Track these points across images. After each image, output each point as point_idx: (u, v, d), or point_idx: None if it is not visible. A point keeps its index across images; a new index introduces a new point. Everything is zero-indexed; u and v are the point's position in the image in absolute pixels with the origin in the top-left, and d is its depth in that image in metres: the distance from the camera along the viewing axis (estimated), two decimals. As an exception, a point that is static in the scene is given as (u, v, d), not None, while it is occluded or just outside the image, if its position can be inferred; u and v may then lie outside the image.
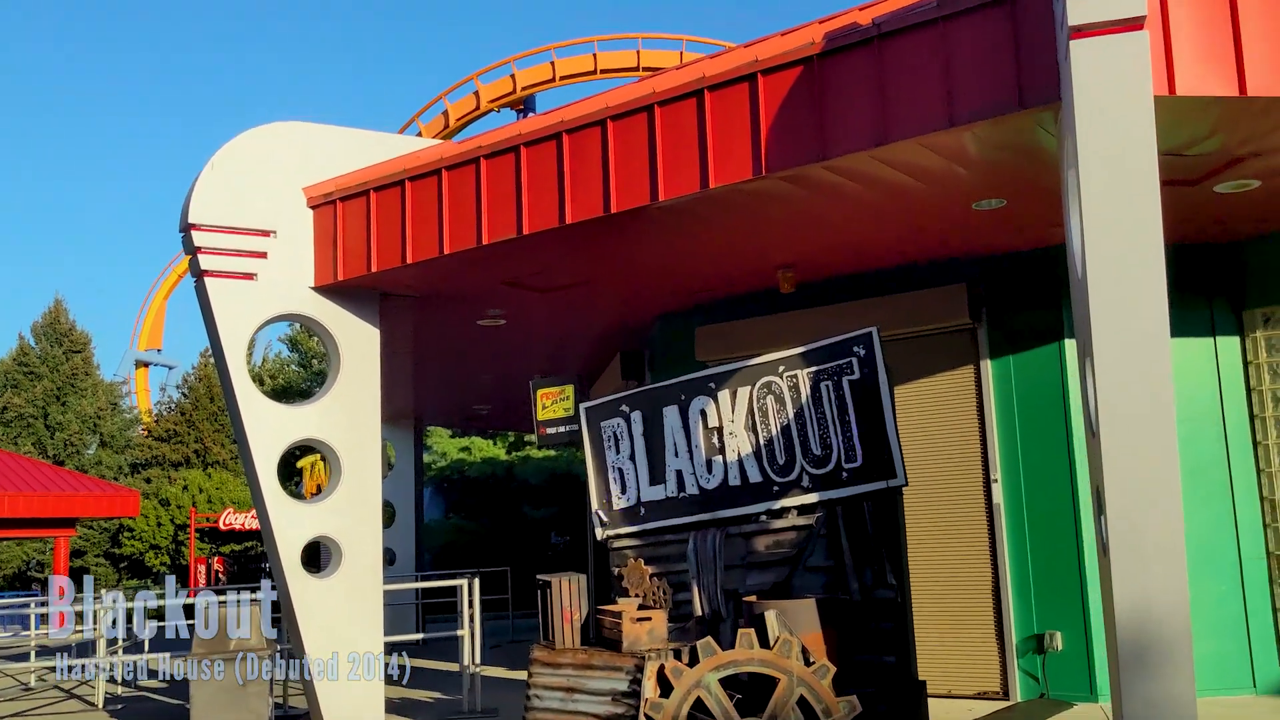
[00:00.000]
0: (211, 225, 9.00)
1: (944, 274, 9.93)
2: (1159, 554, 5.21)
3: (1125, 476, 5.25)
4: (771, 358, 7.91)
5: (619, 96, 7.88)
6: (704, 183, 7.29)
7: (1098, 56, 5.21)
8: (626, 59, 28.44)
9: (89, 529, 39.61)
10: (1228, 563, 9.20)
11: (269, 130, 9.42)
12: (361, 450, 9.63)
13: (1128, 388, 5.21)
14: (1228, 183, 7.77)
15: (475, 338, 12.69)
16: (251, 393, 9.23)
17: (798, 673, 6.39)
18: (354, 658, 9.40)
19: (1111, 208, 5.21)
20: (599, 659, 7.47)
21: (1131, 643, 5.27)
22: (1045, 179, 7.31)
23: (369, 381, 9.73)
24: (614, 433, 8.69)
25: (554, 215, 8.05)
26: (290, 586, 9.19)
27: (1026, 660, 9.44)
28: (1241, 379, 9.47)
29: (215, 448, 44.37)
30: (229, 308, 9.06)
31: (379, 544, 9.72)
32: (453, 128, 28.43)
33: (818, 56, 6.82)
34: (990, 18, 6.21)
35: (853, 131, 6.71)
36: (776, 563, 7.71)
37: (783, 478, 7.77)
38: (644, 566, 8.35)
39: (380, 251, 9.10)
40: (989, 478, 9.73)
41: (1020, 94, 6.08)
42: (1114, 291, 5.22)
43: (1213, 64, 5.79)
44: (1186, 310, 9.15)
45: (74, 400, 45.28)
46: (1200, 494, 8.97)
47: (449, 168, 8.73)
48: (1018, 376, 9.69)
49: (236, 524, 35.48)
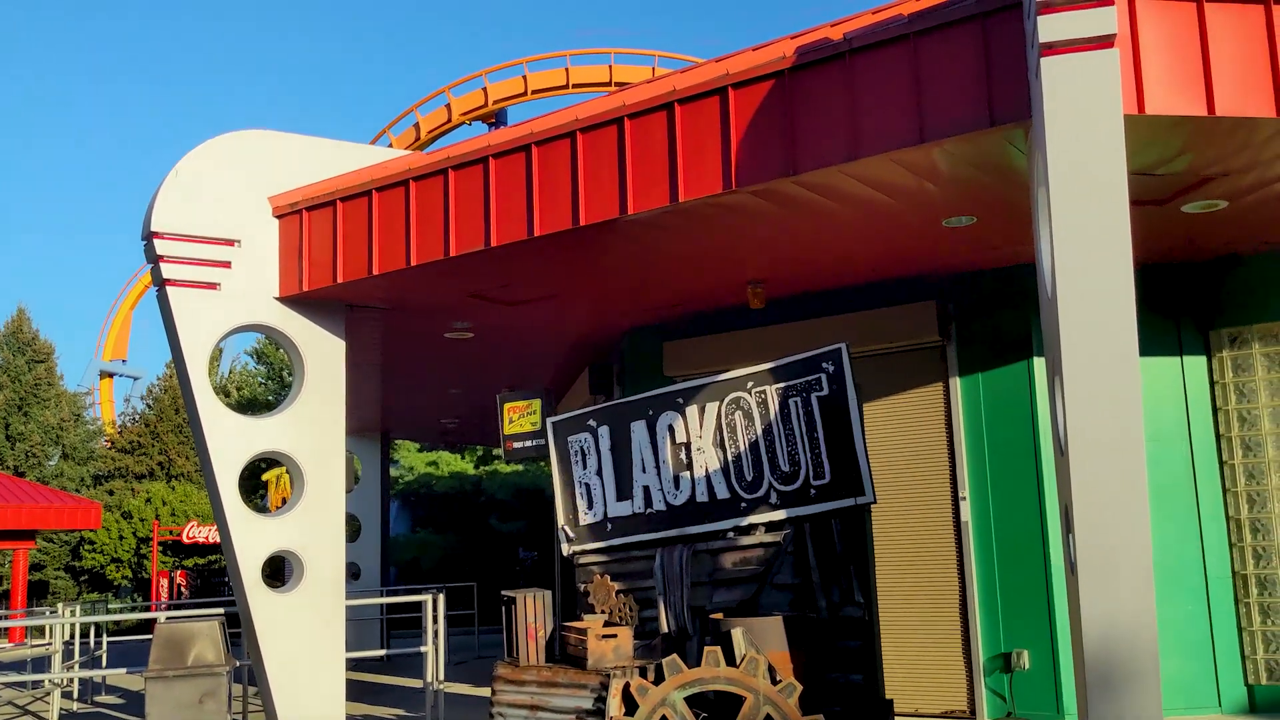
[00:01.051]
0: (174, 234, 8.87)
1: (914, 291, 9.93)
2: (1127, 573, 5.19)
3: (1094, 495, 5.22)
4: (740, 373, 7.86)
5: (589, 109, 7.84)
6: (673, 196, 7.25)
7: (1068, 74, 5.21)
8: (599, 74, 28.47)
9: (49, 542, 39.00)
10: (1194, 582, 9.22)
11: (234, 138, 9.31)
12: (325, 463, 9.51)
13: (1097, 406, 5.20)
14: (1196, 203, 7.81)
15: (442, 350, 12.58)
16: (213, 404, 9.09)
17: (764, 691, 6.32)
18: (315, 674, 9.26)
19: (1081, 226, 5.20)
20: (564, 676, 7.37)
21: (1099, 662, 5.25)
22: (1015, 197, 7.32)
23: (334, 394, 9.61)
24: (581, 448, 8.61)
25: (523, 227, 7.99)
26: (250, 601, 9.04)
27: (994, 679, 9.41)
28: (1208, 399, 9.51)
29: (179, 460, 43.85)
30: (191, 317, 8.93)
31: (342, 558, 9.58)
32: (424, 140, 28.33)
33: (789, 71, 6.80)
34: (962, 35, 6.21)
35: (823, 146, 6.69)
36: (744, 580, 7.65)
37: (751, 494, 7.72)
38: (610, 583, 8.27)
39: (346, 262, 9.00)
40: (957, 495, 9.71)
41: (991, 111, 6.08)
42: (1084, 310, 5.21)
43: (1182, 83, 5.80)
44: (1154, 330, 9.20)
45: (36, 411, 44.64)
46: (1167, 513, 8.99)
47: (417, 178, 8.65)
48: (986, 394, 9.69)
49: (200, 537, 35.03)
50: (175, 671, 9.39)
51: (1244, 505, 9.29)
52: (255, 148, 9.36)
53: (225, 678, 9.57)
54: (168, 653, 9.45)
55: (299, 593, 9.29)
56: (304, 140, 9.65)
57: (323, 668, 9.31)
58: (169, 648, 9.47)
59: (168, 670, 9.39)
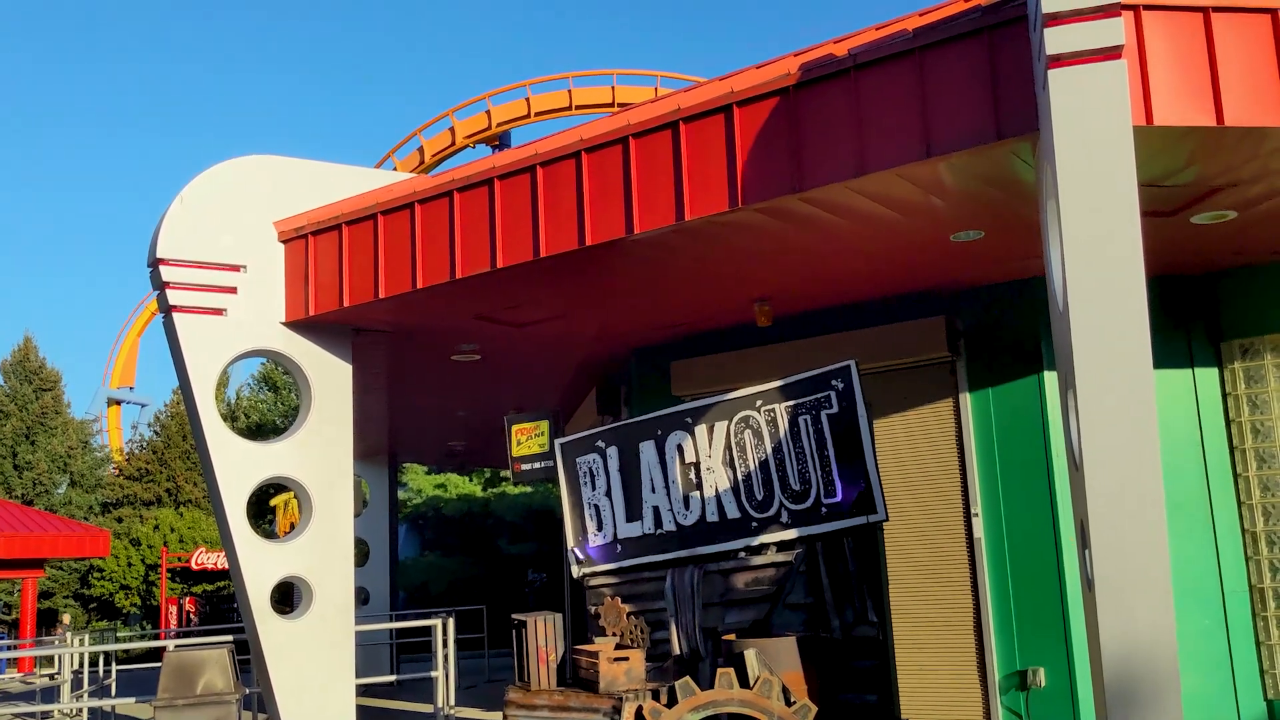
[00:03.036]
0: (180, 260, 8.86)
1: (922, 307, 9.88)
2: (1146, 588, 5.12)
3: (1110, 509, 5.17)
4: (749, 392, 7.82)
5: (593, 129, 7.82)
6: (679, 215, 7.22)
7: (1076, 86, 5.18)
8: (601, 95, 28.56)
9: (58, 569, 38.99)
10: (1210, 597, 9.13)
11: (239, 164, 9.31)
12: (333, 488, 9.47)
13: (1111, 420, 5.14)
14: (1205, 214, 7.76)
15: (449, 373, 12.55)
16: (220, 429, 9.06)
17: (778, 713, 6.26)
18: (324, 700, 9.19)
19: (1092, 238, 5.17)
20: (575, 700, 7.31)
21: (1118, 679, 5.18)
22: (1023, 210, 7.28)
23: (341, 418, 9.58)
24: (590, 469, 8.57)
25: (528, 249, 7.96)
26: (259, 628, 8.98)
27: (1009, 697, 9.31)
28: (1221, 411, 9.44)
29: (187, 486, 43.86)
30: (198, 343, 8.91)
31: (350, 583, 9.53)
32: (428, 164, 28.40)
33: (794, 88, 6.77)
34: (967, 48, 6.18)
35: (829, 163, 6.66)
36: (756, 600, 7.58)
37: (761, 514, 7.66)
38: (621, 605, 8.20)
39: (352, 286, 8.98)
40: (969, 512, 9.64)
41: (998, 124, 6.04)
42: (1096, 323, 5.16)
43: (1190, 94, 5.77)
44: (1165, 342, 9.10)
45: (44, 439, 44.68)
46: (1182, 527, 8.90)
47: (422, 201, 8.63)
48: (997, 409, 9.62)
49: (209, 563, 35.04)
50: (185, 700, 9.33)
51: (1259, 518, 9.21)
52: (260, 173, 9.36)
53: (235, 705, 9.50)
54: (177, 681, 9.39)
55: (308, 618, 9.23)
56: (308, 165, 9.65)
57: (332, 694, 9.24)
58: (178, 676, 9.41)
59: (177, 699, 9.33)
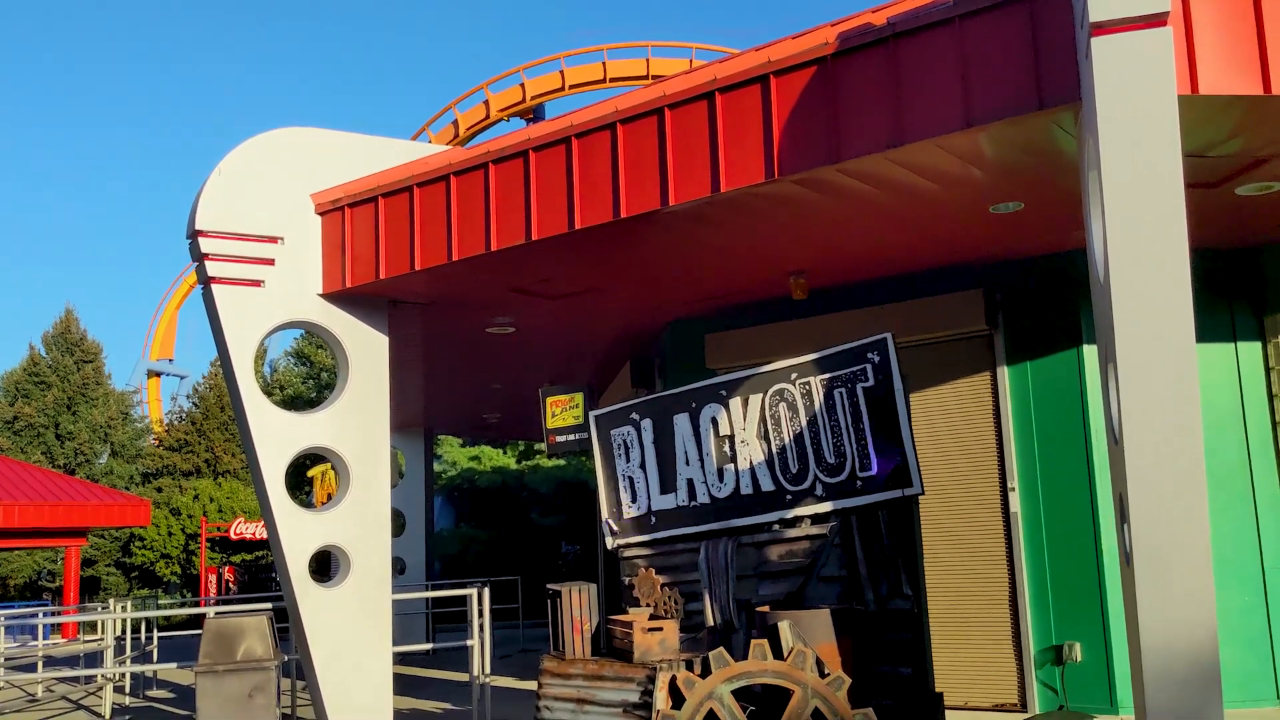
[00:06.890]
0: (218, 232, 8.92)
1: (960, 279, 9.80)
2: (1185, 564, 5.07)
3: (1150, 484, 5.11)
4: (784, 365, 7.78)
5: (629, 100, 7.78)
6: (715, 186, 7.18)
7: (1120, 54, 5.08)
8: (636, 67, 28.42)
9: (100, 538, 39.63)
10: (1251, 573, 9.05)
11: (276, 136, 9.34)
12: (370, 459, 9.54)
13: (1153, 393, 5.08)
14: (1249, 185, 7.64)
15: (484, 345, 12.59)
16: (259, 400, 9.14)
17: (812, 685, 6.26)
18: (362, 667, 9.29)
19: (1135, 209, 5.08)
20: (610, 670, 7.35)
21: (1157, 655, 5.13)
22: (1064, 181, 7.19)
23: (378, 389, 9.64)
24: (624, 441, 8.58)
25: (563, 221, 7.95)
26: (298, 596, 9.08)
27: (1045, 672, 9.28)
28: (1264, 384, 9.32)
29: (226, 457, 44.41)
30: (236, 314, 8.98)
31: (388, 553, 9.62)
32: (463, 137, 28.41)
33: (831, 57, 6.71)
34: (1008, 16, 6.09)
35: (867, 133, 6.59)
36: (790, 572, 7.58)
37: (796, 486, 7.64)
38: (655, 576, 8.23)
39: (389, 258, 9.01)
40: (1006, 486, 9.58)
41: (1039, 94, 5.95)
42: (1138, 295, 5.09)
43: (1236, 62, 5.66)
44: (1207, 315, 8.99)
45: (85, 410, 45.34)
46: (1222, 502, 8.82)
47: (457, 173, 8.63)
48: (1035, 383, 9.55)
49: (247, 533, 35.50)
50: (225, 666, 9.48)
51: (1301, 494, 9.10)
52: (297, 145, 9.39)
53: (274, 672, 9.64)
54: (217, 648, 9.54)
55: (346, 587, 9.32)
56: (345, 137, 9.67)
57: (370, 661, 9.35)
58: (218, 643, 9.55)
59: (217, 665, 9.48)
